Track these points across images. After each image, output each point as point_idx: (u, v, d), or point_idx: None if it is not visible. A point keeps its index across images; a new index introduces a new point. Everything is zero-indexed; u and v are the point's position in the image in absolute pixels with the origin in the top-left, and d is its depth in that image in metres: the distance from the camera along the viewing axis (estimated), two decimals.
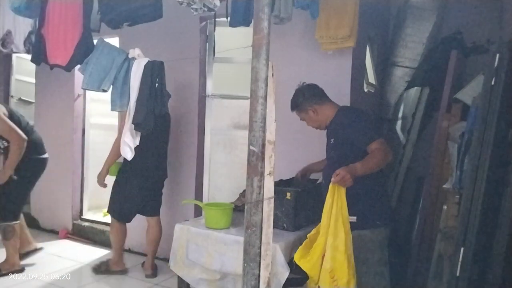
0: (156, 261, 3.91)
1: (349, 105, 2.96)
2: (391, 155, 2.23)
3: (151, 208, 3.54)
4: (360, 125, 2.30)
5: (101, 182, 3.46)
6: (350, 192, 2.15)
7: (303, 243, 2.21)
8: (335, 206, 2.08)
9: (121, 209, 3.46)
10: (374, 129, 2.32)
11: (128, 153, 3.03)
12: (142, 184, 3.37)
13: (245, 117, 1.73)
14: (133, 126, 2.97)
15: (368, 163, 2.13)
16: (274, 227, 1.86)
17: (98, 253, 4.14)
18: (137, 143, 3.08)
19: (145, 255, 4.04)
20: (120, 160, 3.38)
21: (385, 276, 2.27)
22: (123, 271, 3.61)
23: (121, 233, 3.56)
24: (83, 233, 4.52)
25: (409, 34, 3.67)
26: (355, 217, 2.21)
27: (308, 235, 2.22)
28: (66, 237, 4.53)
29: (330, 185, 2.07)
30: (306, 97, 2.47)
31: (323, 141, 2.55)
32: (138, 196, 3.40)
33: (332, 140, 2.41)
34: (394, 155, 3.68)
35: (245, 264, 1.69)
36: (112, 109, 3.10)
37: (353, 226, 2.18)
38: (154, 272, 3.57)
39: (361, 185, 2.21)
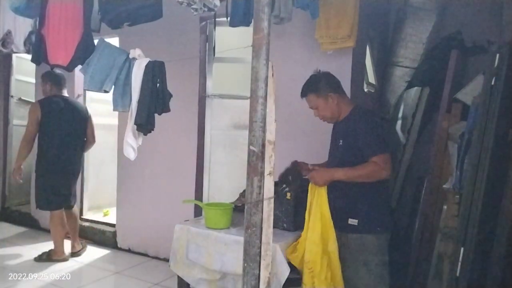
0: (156, 261, 3.94)
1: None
2: (386, 173, 2.18)
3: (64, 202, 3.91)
4: (371, 135, 2.22)
5: (15, 178, 3.80)
6: (351, 196, 2.24)
7: (297, 240, 2.33)
8: (314, 203, 2.24)
9: (49, 200, 3.81)
10: (383, 142, 2.23)
11: (131, 154, 3.04)
12: (49, 178, 3.77)
13: (245, 117, 1.73)
14: (135, 126, 2.98)
15: (351, 173, 2.19)
16: (274, 227, 1.86)
17: (98, 253, 4.14)
18: (140, 144, 3.09)
19: (145, 254, 4.07)
20: None
21: (386, 279, 2.27)
22: (64, 259, 3.87)
23: (62, 223, 3.89)
24: (83, 233, 4.51)
25: (409, 34, 3.67)
26: (356, 220, 2.24)
27: (302, 233, 2.31)
28: (66, 237, 4.52)
29: (310, 184, 2.26)
30: (329, 83, 2.35)
31: (323, 141, 2.55)
32: (55, 188, 3.80)
33: (341, 141, 2.32)
34: (394, 153, 3.68)
35: (245, 264, 1.69)
36: (114, 110, 3.10)
37: (355, 230, 2.24)
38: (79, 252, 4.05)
39: (362, 190, 2.25)
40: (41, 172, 3.79)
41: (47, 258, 3.82)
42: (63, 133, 3.78)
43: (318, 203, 2.24)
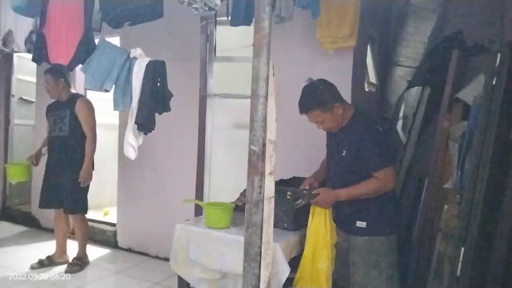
0: (156, 260, 3.93)
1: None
2: (390, 186, 2.17)
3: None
4: (375, 148, 2.16)
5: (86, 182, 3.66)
6: (358, 199, 2.22)
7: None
8: (313, 220, 2.38)
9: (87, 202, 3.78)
10: (387, 155, 2.20)
11: (131, 153, 3.04)
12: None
13: (246, 116, 1.73)
14: (135, 126, 2.98)
15: (355, 192, 2.18)
16: (274, 226, 1.86)
17: (98, 253, 4.14)
18: (140, 143, 3.09)
19: (145, 254, 4.07)
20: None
21: (396, 279, 2.27)
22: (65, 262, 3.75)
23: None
24: None
25: (410, 34, 3.66)
26: (364, 223, 2.23)
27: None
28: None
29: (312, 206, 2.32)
30: (332, 93, 2.22)
31: (324, 140, 2.54)
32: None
33: (344, 152, 2.23)
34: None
35: (246, 264, 1.68)
36: (115, 109, 3.10)
37: (363, 232, 2.24)
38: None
39: None
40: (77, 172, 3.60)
41: (49, 262, 3.70)
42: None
43: (316, 220, 2.35)
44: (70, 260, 3.72)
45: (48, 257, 3.73)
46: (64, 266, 3.64)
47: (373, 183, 2.15)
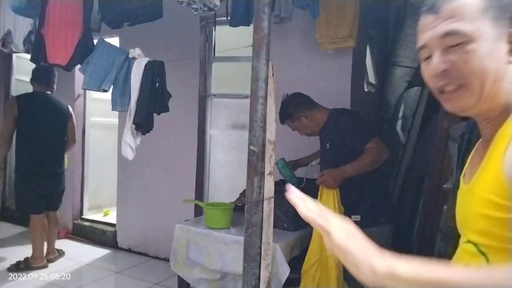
0: (156, 261, 3.93)
1: (345, 106, 2.92)
2: (386, 153, 2.24)
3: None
4: (354, 126, 2.32)
5: None
6: (353, 192, 2.29)
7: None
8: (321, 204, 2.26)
9: (30, 202, 3.61)
10: (368, 128, 2.34)
11: (129, 153, 3.03)
12: (28, 179, 3.58)
13: (245, 117, 1.73)
14: (134, 126, 2.98)
15: (359, 164, 2.21)
16: (274, 227, 1.87)
17: (98, 253, 4.14)
18: (138, 143, 3.09)
19: (145, 254, 4.07)
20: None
21: None
22: (44, 266, 3.63)
23: (44, 226, 3.69)
24: (84, 232, 4.52)
25: (410, 34, 3.66)
26: (358, 216, 2.27)
27: None
28: (66, 236, 4.53)
29: (320, 189, 2.30)
30: (296, 105, 2.48)
31: None
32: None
33: (328, 144, 2.41)
34: (394, 153, 3.68)
35: (245, 264, 1.69)
36: (113, 109, 3.09)
37: (358, 225, 2.23)
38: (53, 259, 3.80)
39: (363, 185, 2.29)
40: (20, 172, 3.58)
41: (25, 266, 3.54)
42: (40, 132, 3.55)
43: (324, 202, 2.27)
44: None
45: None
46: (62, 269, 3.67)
47: (370, 151, 2.22)
